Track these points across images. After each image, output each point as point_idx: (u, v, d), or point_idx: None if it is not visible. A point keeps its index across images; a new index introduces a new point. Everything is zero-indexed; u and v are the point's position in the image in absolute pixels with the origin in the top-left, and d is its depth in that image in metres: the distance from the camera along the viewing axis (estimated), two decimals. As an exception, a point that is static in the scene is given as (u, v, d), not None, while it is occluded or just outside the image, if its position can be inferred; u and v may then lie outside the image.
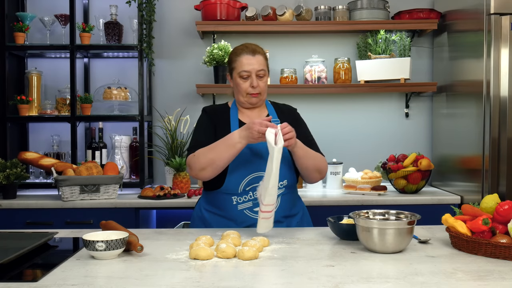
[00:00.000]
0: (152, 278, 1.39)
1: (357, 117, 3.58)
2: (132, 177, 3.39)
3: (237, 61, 2.10)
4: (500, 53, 2.71)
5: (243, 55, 2.09)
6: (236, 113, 2.17)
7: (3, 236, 1.86)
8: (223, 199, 2.07)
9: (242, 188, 2.04)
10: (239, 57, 2.10)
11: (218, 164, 1.96)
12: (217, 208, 2.11)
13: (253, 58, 2.09)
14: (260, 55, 2.11)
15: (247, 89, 2.09)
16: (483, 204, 1.75)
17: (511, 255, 1.54)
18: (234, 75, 2.12)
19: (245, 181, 2.04)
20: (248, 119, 2.15)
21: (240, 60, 2.09)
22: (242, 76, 2.08)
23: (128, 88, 3.41)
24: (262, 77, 2.11)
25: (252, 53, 2.09)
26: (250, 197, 2.05)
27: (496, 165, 2.73)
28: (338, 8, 3.42)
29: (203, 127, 2.16)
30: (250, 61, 2.08)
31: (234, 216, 2.06)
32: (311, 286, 1.32)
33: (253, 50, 2.10)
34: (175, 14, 3.57)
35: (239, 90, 2.11)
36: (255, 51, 2.11)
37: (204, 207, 2.17)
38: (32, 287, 1.32)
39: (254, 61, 2.08)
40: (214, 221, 2.11)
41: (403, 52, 3.38)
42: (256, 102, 2.13)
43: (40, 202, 2.90)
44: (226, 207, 2.07)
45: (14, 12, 3.34)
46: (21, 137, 3.45)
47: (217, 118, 2.16)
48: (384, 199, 2.94)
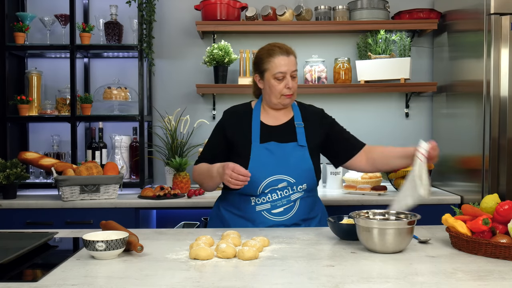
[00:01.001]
0: (152, 278, 1.39)
1: (357, 117, 3.58)
2: (132, 177, 3.39)
3: (271, 61, 2.07)
4: (500, 53, 2.71)
5: (278, 55, 2.06)
6: (259, 115, 2.15)
7: (3, 236, 1.86)
8: (241, 199, 2.08)
9: (261, 190, 2.04)
10: (273, 58, 2.07)
11: (205, 187, 2.15)
12: (236, 208, 2.11)
13: (287, 58, 2.07)
14: (293, 56, 2.10)
15: (282, 90, 2.07)
16: (483, 204, 1.75)
17: (511, 255, 1.54)
18: (267, 76, 2.09)
19: (264, 184, 2.03)
20: (272, 119, 2.15)
21: (275, 61, 2.06)
22: (277, 77, 2.06)
23: (128, 88, 3.41)
24: (295, 77, 2.10)
25: (286, 54, 2.07)
26: (268, 199, 2.04)
27: (496, 165, 2.73)
28: (338, 8, 3.42)
29: (213, 140, 2.21)
30: (286, 62, 2.06)
31: (253, 217, 2.06)
32: (311, 286, 1.32)
33: (287, 51, 2.08)
34: (175, 14, 3.57)
35: (273, 91, 2.08)
36: (289, 51, 2.09)
37: (223, 206, 2.17)
38: (32, 287, 1.32)
39: (289, 61, 2.07)
40: (232, 220, 2.10)
41: (403, 52, 3.38)
42: (289, 103, 2.13)
43: (40, 202, 2.90)
44: (245, 208, 2.07)
45: (14, 12, 3.34)
46: (21, 137, 3.45)
47: (238, 121, 2.15)
48: (384, 199, 2.94)
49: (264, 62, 2.09)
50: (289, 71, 2.06)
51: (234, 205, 2.12)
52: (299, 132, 2.12)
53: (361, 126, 3.58)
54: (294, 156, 2.07)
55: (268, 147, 2.07)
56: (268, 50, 2.09)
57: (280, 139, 2.10)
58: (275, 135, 2.11)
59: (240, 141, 2.11)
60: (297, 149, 2.09)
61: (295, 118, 2.17)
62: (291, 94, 2.09)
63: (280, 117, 2.16)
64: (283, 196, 2.04)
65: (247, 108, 2.20)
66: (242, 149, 2.09)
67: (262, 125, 2.13)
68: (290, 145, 2.09)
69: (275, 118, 2.16)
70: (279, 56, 2.06)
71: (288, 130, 2.13)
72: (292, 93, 2.09)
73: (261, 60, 2.11)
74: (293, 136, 2.11)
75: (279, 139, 2.10)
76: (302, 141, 2.10)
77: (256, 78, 2.15)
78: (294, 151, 2.08)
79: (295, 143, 2.10)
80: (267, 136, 2.10)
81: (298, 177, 2.04)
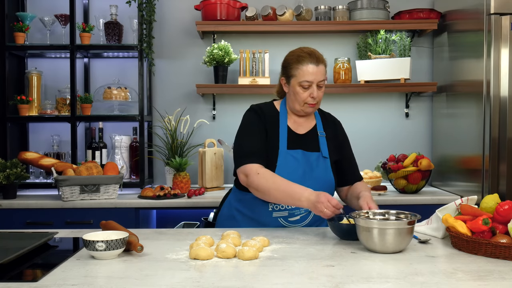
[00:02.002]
0: (152, 278, 1.39)
1: (357, 117, 3.58)
2: (132, 177, 3.39)
3: (299, 69, 2.00)
4: (500, 53, 2.71)
5: (307, 63, 1.99)
6: (286, 119, 2.10)
7: (3, 236, 1.86)
8: (258, 203, 2.03)
9: None
10: (302, 65, 1.99)
11: (271, 199, 1.95)
12: (250, 211, 2.07)
13: (316, 68, 1.99)
14: (322, 65, 2.02)
15: (306, 99, 2.02)
16: (483, 204, 1.75)
17: (511, 255, 1.54)
18: (292, 82, 2.03)
19: None
20: (296, 125, 2.11)
21: (303, 69, 1.99)
22: (303, 86, 2.00)
23: (128, 88, 3.41)
24: (321, 87, 2.03)
25: (316, 63, 1.99)
26: (287, 207, 2.02)
27: (496, 165, 2.73)
28: (338, 8, 3.42)
29: (256, 131, 2.05)
30: (314, 71, 1.98)
31: (268, 222, 2.03)
32: (311, 286, 1.32)
33: (317, 59, 2.00)
34: (175, 14, 3.57)
35: (297, 99, 2.03)
36: (319, 60, 2.01)
37: (235, 207, 2.12)
38: (32, 287, 1.32)
39: (318, 70, 1.99)
40: (244, 223, 2.07)
41: (403, 52, 3.38)
42: (311, 111, 2.08)
43: (40, 202, 2.90)
44: (261, 212, 2.04)
45: (14, 12, 3.34)
46: (21, 137, 3.45)
47: (267, 121, 2.08)
48: (384, 199, 2.94)
49: (292, 68, 2.02)
50: (316, 81, 1.99)
51: (249, 207, 2.07)
52: (322, 143, 2.09)
53: (361, 126, 3.58)
54: (318, 167, 2.05)
55: (295, 155, 2.03)
56: (298, 56, 2.02)
57: (306, 148, 2.07)
58: (302, 143, 2.08)
59: (269, 143, 2.05)
60: (321, 160, 2.06)
61: (317, 126, 2.14)
62: (315, 103, 2.04)
63: (304, 124, 2.13)
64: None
65: (273, 109, 2.13)
66: (269, 152, 2.04)
67: (289, 130, 2.09)
68: (314, 155, 2.06)
69: (299, 125, 2.12)
70: (308, 65, 1.99)
71: (312, 139, 2.10)
72: (316, 103, 2.04)
73: (289, 65, 2.04)
74: (317, 146, 2.09)
75: (305, 148, 2.07)
76: (325, 152, 2.08)
77: (282, 81, 2.10)
78: (318, 162, 2.05)
79: (319, 154, 2.07)
80: (294, 143, 2.06)
81: (320, 188, 1.94)
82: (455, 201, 1.88)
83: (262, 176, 1.93)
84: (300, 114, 2.10)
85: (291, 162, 2.02)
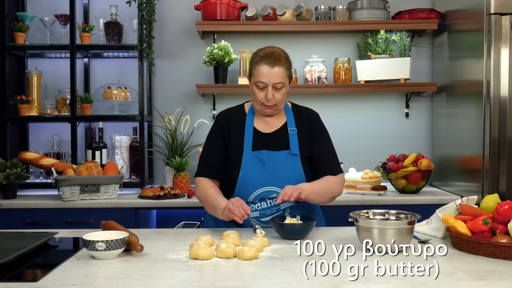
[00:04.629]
0: (152, 278, 1.39)
1: (357, 117, 3.58)
2: (132, 177, 3.39)
3: (255, 69, 1.99)
4: (500, 53, 2.71)
5: (262, 65, 1.97)
6: (252, 120, 2.10)
7: (3, 236, 1.86)
8: None
9: (252, 199, 2.02)
10: (257, 65, 1.98)
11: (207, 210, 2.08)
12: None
13: (271, 69, 1.96)
14: (280, 67, 1.97)
15: (262, 99, 2.01)
16: (483, 204, 1.75)
17: (511, 255, 1.54)
18: (251, 81, 2.04)
19: (254, 195, 2.01)
20: (263, 125, 2.09)
21: (258, 69, 1.98)
22: (258, 86, 2.00)
23: (128, 88, 3.41)
24: (280, 89, 2.00)
25: (272, 65, 1.96)
26: (257, 207, 2.03)
27: (496, 165, 2.73)
28: (338, 8, 3.42)
29: (213, 143, 2.11)
30: (268, 73, 1.96)
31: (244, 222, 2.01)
32: (311, 286, 1.32)
33: (274, 61, 1.97)
34: (175, 14, 3.57)
35: (254, 98, 2.04)
36: (276, 62, 1.97)
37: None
38: (32, 287, 1.32)
39: (272, 73, 1.96)
40: (224, 222, 2.06)
41: (403, 52, 3.38)
42: (270, 112, 2.07)
43: (40, 202, 2.90)
44: None
45: (14, 12, 3.34)
46: (21, 137, 3.45)
47: (231, 126, 2.10)
48: (384, 199, 2.94)
49: (251, 67, 2.03)
50: (270, 83, 1.97)
51: None
52: (292, 140, 2.06)
53: (361, 126, 3.58)
54: (286, 165, 2.03)
55: (260, 155, 2.02)
56: (257, 56, 2.01)
57: (272, 147, 2.05)
58: (268, 143, 2.06)
59: (233, 147, 2.07)
60: (289, 158, 2.04)
61: (288, 123, 2.10)
62: (271, 105, 2.02)
63: (273, 123, 2.11)
64: (272, 205, 2.01)
65: (240, 112, 2.15)
66: (234, 156, 2.05)
67: (255, 131, 2.08)
68: (282, 154, 2.04)
69: (268, 124, 2.10)
70: (263, 66, 1.97)
71: (281, 137, 2.08)
72: (273, 104, 2.02)
73: (250, 64, 2.05)
74: (286, 144, 2.06)
75: (271, 147, 2.05)
76: (294, 149, 2.05)
77: (248, 78, 2.10)
78: (286, 160, 2.03)
79: (287, 152, 2.05)
80: (259, 143, 2.05)
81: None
82: (455, 201, 1.88)
83: (200, 189, 2.07)
84: (261, 114, 2.09)
85: (255, 164, 2.02)
